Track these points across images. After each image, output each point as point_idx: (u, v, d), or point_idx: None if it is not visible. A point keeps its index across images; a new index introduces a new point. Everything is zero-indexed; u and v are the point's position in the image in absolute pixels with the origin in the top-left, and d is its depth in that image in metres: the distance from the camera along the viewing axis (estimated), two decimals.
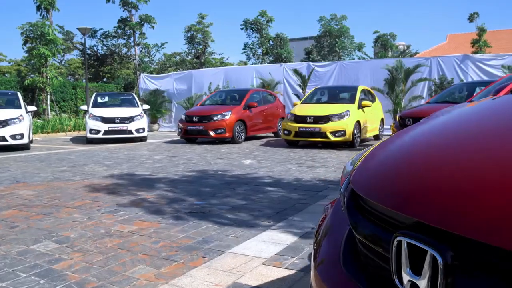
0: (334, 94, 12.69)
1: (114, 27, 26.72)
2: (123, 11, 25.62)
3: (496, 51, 23.80)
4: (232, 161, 8.64)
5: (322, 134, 10.77)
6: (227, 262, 3.04)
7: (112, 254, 3.23)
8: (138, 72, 24.68)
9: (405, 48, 36.98)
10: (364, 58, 35.33)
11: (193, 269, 2.91)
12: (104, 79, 27.75)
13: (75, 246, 3.43)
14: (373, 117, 12.39)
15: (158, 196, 5.28)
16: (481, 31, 25.32)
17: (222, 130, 12.32)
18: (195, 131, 12.66)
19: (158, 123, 19.99)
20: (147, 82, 21.13)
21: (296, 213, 4.38)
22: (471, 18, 26.43)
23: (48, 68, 19.11)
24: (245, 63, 40.57)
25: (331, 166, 7.77)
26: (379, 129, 13.18)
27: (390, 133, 14.62)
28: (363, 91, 12.32)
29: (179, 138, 14.09)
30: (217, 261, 3.06)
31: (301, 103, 12.33)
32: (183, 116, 13.15)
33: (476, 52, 23.98)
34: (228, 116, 12.42)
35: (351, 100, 11.66)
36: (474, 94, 7.47)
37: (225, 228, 3.89)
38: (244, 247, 3.35)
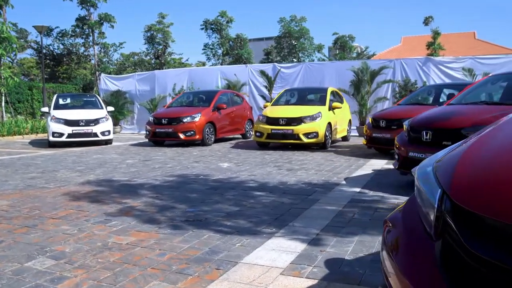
0: (304, 96, 12.76)
1: (72, 26, 25.76)
2: (81, 9, 24.77)
3: (448, 54, 24.79)
4: (209, 164, 8.49)
5: (295, 136, 10.78)
6: (244, 273, 2.93)
7: (119, 269, 3.04)
8: (97, 73, 23.86)
9: (363, 49, 37.90)
10: (324, 60, 35.96)
11: (212, 283, 2.78)
12: (60, 80, 26.63)
13: (74, 262, 3.21)
14: (342, 119, 12.54)
15: (146, 204, 5.07)
16: (436, 34, 26.24)
17: (192, 132, 12.11)
18: (163, 133, 12.39)
19: (120, 125, 19.43)
20: (107, 83, 20.50)
21: (295, 219, 4.32)
22: (426, 21, 27.33)
23: (2, 68, 18.13)
24: (204, 64, 40.30)
25: (310, 168, 7.77)
26: (347, 130, 13.37)
27: (357, 135, 14.89)
28: (332, 92, 12.44)
29: (144, 140, 13.77)
30: (233, 273, 2.94)
31: (271, 105, 12.31)
32: (151, 118, 12.83)
33: (431, 54, 24.87)
34: (198, 118, 12.23)
35: (322, 102, 11.74)
36: (454, 96, 7.67)
37: (228, 236, 3.77)
38: (255, 257, 3.25)
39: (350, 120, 13.77)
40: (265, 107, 12.70)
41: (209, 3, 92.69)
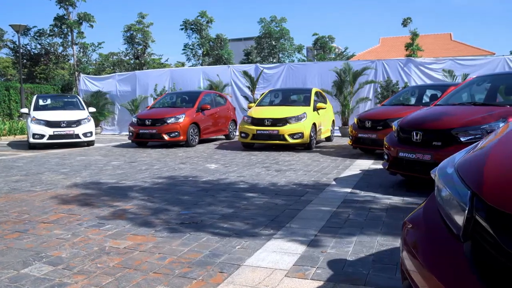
0: (289, 96, 12.80)
1: (50, 25, 25.18)
2: (59, 8, 24.27)
3: (426, 55, 25.23)
4: (196, 165, 8.43)
5: (280, 137, 10.78)
6: (249, 276, 2.92)
7: (120, 274, 2.99)
8: (76, 73, 23.41)
9: (342, 50, 38.20)
10: (304, 61, 36.17)
11: (218, 287, 2.75)
12: (37, 80, 26.04)
13: (73, 267, 3.14)
14: (326, 119, 12.61)
15: (139, 207, 5.00)
16: (414, 35, 26.63)
17: (176, 133, 12.01)
18: (147, 134, 12.25)
19: (100, 126, 19.13)
20: (87, 84, 20.17)
21: (291, 220, 4.32)
22: (404, 23, 27.73)
23: None
24: (183, 64, 40.02)
25: (298, 169, 7.79)
26: (331, 130, 13.45)
27: (340, 135, 15.02)
28: (316, 93, 12.50)
29: (127, 141, 13.63)
30: (237, 276, 2.92)
31: (256, 106, 12.30)
32: (134, 119, 12.67)
33: (410, 55, 25.26)
34: (182, 119, 12.13)
35: (306, 103, 11.78)
36: (440, 97, 7.81)
37: (227, 239, 3.74)
38: (257, 259, 3.24)
39: (333, 121, 13.87)
40: (249, 107, 12.68)
41: (189, 3, 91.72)
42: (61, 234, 3.96)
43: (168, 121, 12.04)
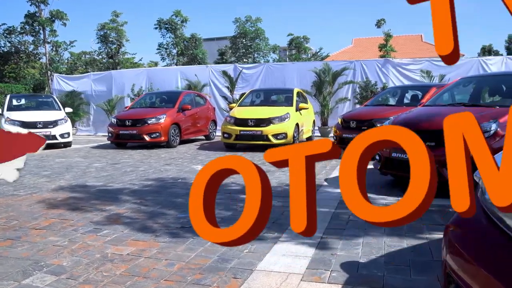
0: (271, 97, 12.78)
1: (21, 23, 24.38)
2: (31, 5, 23.55)
3: (398, 56, 25.69)
4: (182, 167, 8.29)
5: (264, 137, 10.73)
6: (264, 281, 2.85)
7: (130, 283, 2.87)
8: (49, 72, 22.73)
9: (317, 51, 38.46)
10: (278, 61, 36.25)
11: None
12: (6, 79, 25.17)
13: (77, 276, 3.00)
14: (307, 119, 12.65)
15: (133, 210, 4.85)
16: (388, 36, 27.08)
17: (157, 134, 11.80)
18: (127, 135, 11.98)
19: (75, 127, 18.63)
20: (61, 83, 19.62)
21: None
22: (378, 24, 28.19)
23: None
24: (156, 64, 39.50)
25: (287, 170, 7.70)
26: (312, 130, 13.49)
27: (320, 135, 15.10)
28: (297, 93, 12.51)
29: (105, 142, 13.32)
30: (253, 282, 2.85)
31: (238, 106, 12.22)
32: (113, 120, 12.39)
33: (383, 56, 25.67)
34: (163, 119, 11.93)
35: (289, 103, 11.78)
36: (422, 97, 7.92)
37: None
38: (269, 263, 3.18)
39: (314, 121, 13.92)
40: (230, 108, 12.60)
41: (162, 2, 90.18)
42: (57, 240, 3.79)
43: (149, 122, 11.82)
